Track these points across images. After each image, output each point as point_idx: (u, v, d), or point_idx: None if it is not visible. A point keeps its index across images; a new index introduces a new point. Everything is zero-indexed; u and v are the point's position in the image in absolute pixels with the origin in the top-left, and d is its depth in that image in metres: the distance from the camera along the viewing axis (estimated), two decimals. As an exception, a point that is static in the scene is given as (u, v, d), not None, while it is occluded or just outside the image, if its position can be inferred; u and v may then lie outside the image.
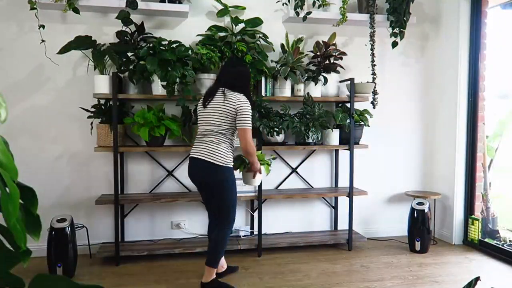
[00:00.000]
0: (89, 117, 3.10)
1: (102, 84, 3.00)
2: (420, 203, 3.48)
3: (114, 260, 3.07)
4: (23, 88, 3.19)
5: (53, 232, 2.82)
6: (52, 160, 3.26)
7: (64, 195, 3.29)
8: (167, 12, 3.24)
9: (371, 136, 3.73)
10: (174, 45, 3.08)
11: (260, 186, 3.27)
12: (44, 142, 3.24)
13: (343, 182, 3.71)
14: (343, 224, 3.72)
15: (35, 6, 2.89)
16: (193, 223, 3.52)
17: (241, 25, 3.36)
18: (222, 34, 3.35)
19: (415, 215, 3.46)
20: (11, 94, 3.16)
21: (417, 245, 3.43)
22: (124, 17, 3.05)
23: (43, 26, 2.98)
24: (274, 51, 3.47)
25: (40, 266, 2.95)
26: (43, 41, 3.01)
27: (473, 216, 3.61)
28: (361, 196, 3.64)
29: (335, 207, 3.76)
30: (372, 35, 3.50)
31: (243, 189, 3.56)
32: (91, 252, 3.24)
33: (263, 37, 3.39)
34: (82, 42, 2.97)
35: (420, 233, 3.43)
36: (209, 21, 3.41)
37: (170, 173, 3.45)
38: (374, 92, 3.52)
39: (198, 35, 3.31)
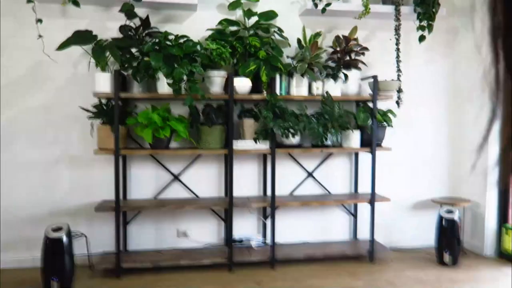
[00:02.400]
0: (89, 117, 2.88)
1: (103, 82, 2.78)
2: (449, 211, 3.17)
3: (115, 272, 2.85)
4: (20, 87, 2.98)
5: (47, 242, 2.60)
6: (50, 163, 3.05)
7: (62, 201, 3.07)
8: (174, 5, 3.01)
9: (394, 138, 3.44)
10: (181, 40, 2.84)
11: (273, 192, 3.01)
12: (41, 144, 3.03)
13: (363, 187, 3.43)
14: (363, 233, 3.44)
15: (32, -1, 2.68)
16: (202, 231, 3.27)
17: (254, 19, 3.10)
18: (233, 28, 3.10)
19: (444, 224, 3.15)
20: (7, 93, 2.97)
21: (446, 258, 3.13)
22: (127, 10, 2.83)
23: (40, 21, 2.77)
24: (290, 46, 3.21)
25: (35, 278, 2.74)
26: (40, 36, 2.79)
27: (507, 224, 3.29)
28: (383, 203, 3.35)
29: (354, 215, 3.47)
30: (397, 29, 3.20)
31: (252, 194, 3.31)
32: (91, 263, 3.02)
33: (278, 32, 3.13)
34: (82, 37, 2.75)
35: (450, 244, 3.12)
36: (220, 14, 3.17)
37: (176, 178, 3.21)
38: (399, 91, 3.23)
39: (207, 29, 3.07)
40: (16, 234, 3.04)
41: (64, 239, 2.62)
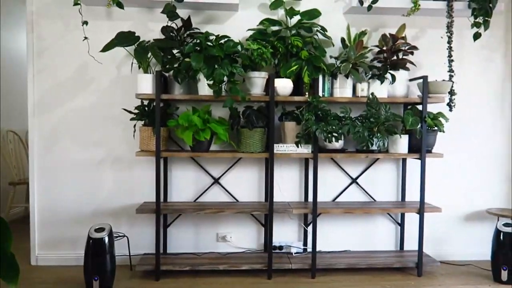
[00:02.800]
0: (132, 119, 2.90)
1: (145, 84, 2.79)
2: (507, 224, 2.91)
3: (154, 274, 2.84)
4: (67, 89, 3.06)
5: (90, 242, 2.63)
6: (94, 164, 3.10)
7: (105, 202, 3.12)
8: (215, 5, 2.97)
9: (445, 143, 3.22)
10: (222, 41, 2.80)
11: (315, 198, 2.89)
12: (86, 145, 3.09)
13: (411, 195, 3.24)
14: (410, 244, 3.23)
15: (78, 2, 2.73)
16: (241, 236, 3.21)
17: (297, 18, 3.01)
18: (275, 28, 3.02)
19: (501, 238, 2.90)
20: (55, 95, 3.05)
21: (504, 275, 2.87)
22: (169, 11, 2.82)
23: (86, 23, 2.82)
24: (333, 46, 3.08)
25: (77, 278, 2.79)
26: (86, 38, 2.85)
27: None
28: (432, 213, 3.13)
29: (401, 225, 3.28)
30: (449, 26, 3.00)
31: (293, 199, 3.21)
32: (131, 264, 3.03)
33: (321, 31, 3.01)
34: (125, 39, 2.77)
35: (508, 260, 2.86)
36: (262, 14, 3.10)
37: (216, 181, 3.17)
38: (451, 92, 3.01)
39: (248, 29, 3.01)
40: (62, 232, 3.11)
41: (106, 239, 2.64)
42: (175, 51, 2.87)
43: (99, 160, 3.10)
